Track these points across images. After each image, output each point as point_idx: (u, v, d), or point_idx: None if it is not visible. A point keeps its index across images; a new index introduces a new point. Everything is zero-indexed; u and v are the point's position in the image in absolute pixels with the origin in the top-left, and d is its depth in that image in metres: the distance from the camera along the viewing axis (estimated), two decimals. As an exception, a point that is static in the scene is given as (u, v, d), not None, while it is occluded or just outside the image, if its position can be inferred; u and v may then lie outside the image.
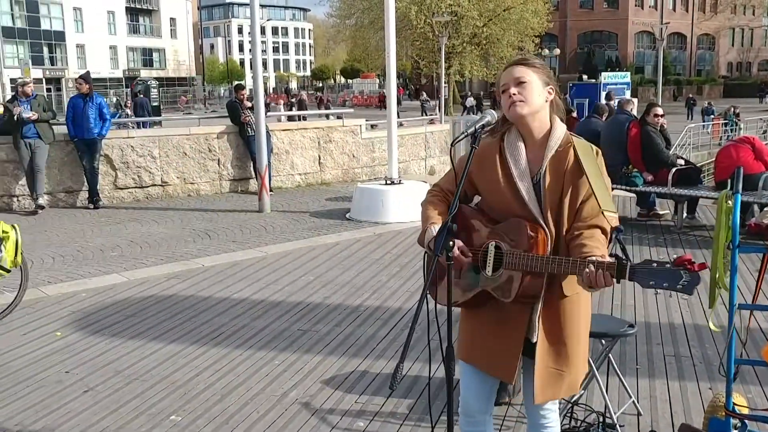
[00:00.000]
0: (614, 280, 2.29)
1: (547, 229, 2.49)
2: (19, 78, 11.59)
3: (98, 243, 8.30)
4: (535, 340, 2.56)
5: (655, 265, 2.22)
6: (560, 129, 2.57)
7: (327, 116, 18.20)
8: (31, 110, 10.12)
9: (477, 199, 2.76)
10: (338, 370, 4.56)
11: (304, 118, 20.15)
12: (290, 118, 20.76)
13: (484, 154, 2.60)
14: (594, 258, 2.33)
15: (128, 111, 30.02)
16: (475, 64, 46.63)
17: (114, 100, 49.96)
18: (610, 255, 2.35)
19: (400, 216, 9.26)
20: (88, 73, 11.48)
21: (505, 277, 2.50)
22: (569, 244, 2.51)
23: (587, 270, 2.31)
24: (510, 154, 2.57)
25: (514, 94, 2.50)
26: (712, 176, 9.22)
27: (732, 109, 31.99)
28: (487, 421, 2.77)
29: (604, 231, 2.49)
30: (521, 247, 2.46)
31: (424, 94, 48.51)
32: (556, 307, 2.57)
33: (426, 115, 35.64)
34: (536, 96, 2.51)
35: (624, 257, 2.29)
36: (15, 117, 9.95)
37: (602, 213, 2.45)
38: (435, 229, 2.57)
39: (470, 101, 44.41)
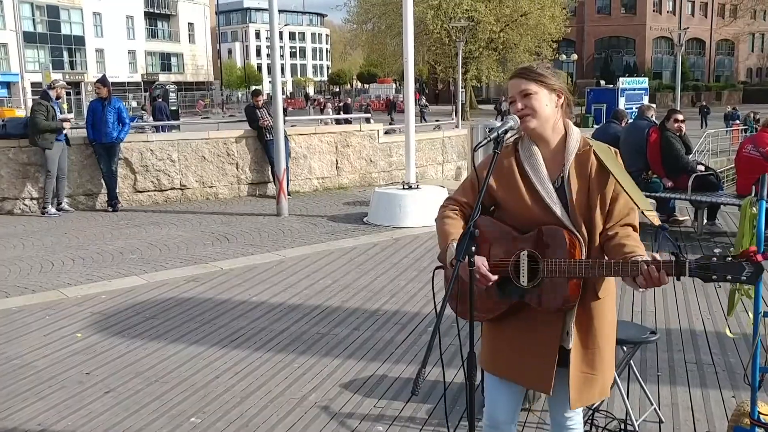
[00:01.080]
0: (672, 277, 2.29)
1: (579, 234, 2.46)
2: (55, 79, 11.69)
3: (118, 245, 8.35)
4: (569, 347, 2.52)
5: (714, 259, 2.21)
6: (576, 132, 2.56)
7: (368, 120, 18.25)
8: (61, 113, 10.27)
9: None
10: (357, 374, 4.55)
11: (349, 122, 20.16)
12: (337, 122, 20.73)
13: (500, 163, 2.56)
14: (645, 257, 2.31)
15: (145, 115, 30.26)
16: (492, 69, 46.59)
17: (134, 104, 50.40)
18: (672, 253, 2.31)
19: (418, 220, 9.26)
20: (104, 76, 11.56)
21: (547, 286, 2.45)
22: (605, 246, 2.50)
23: (644, 269, 2.28)
24: (527, 162, 2.54)
25: (521, 108, 2.49)
26: (732, 182, 9.14)
27: (752, 114, 31.71)
28: (512, 430, 2.75)
29: (635, 229, 2.51)
30: (556, 253, 2.42)
31: (423, 98, 47.94)
32: (588, 311, 2.54)
33: (424, 121, 34.44)
34: (544, 105, 2.49)
35: (681, 254, 2.27)
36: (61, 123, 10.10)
37: (643, 212, 2.47)
38: (453, 247, 2.48)
39: (505, 105, 44.31)
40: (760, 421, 3.16)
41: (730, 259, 2.19)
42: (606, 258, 2.48)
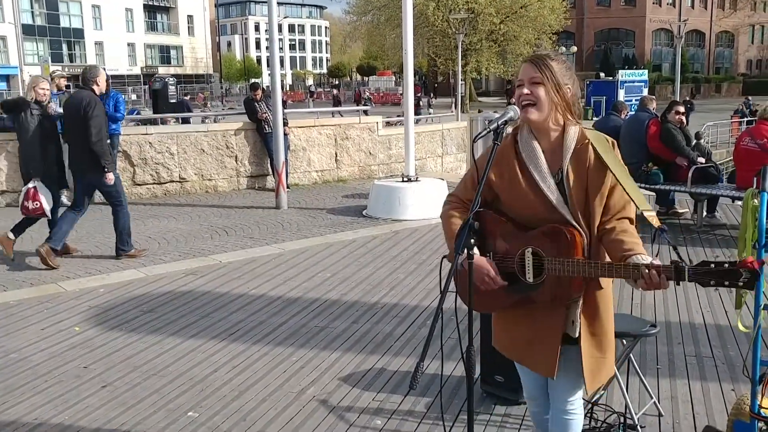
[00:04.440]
0: (671, 282, 2.30)
1: (581, 230, 2.47)
2: (53, 71, 11.57)
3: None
4: (575, 335, 2.57)
5: (713, 266, 2.22)
6: (574, 127, 2.53)
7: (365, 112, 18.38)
8: (60, 106, 10.19)
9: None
10: (356, 368, 4.54)
11: (366, 113, 20.28)
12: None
13: (499, 157, 2.53)
14: (641, 260, 2.33)
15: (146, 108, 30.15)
16: (492, 61, 46.45)
17: (134, 97, 50.25)
18: (672, 262, 2.31)
19: (417, 213, 9.24)
20: (103, 71, 11.49)
21: (552, 282, 2.46)
22: (603, 239, 2.50)
23: (645, 273, 2.30)
24: (527, 157, 2.53)
25: (526, 94, 2.47)
26: (731, 174, 9.11)
27: (743, 105, 31.74)
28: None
29: (632, 221, 2.51)
30: (560, 251, 2.43)
31: (424, 96, 47.55)
32: (593, 300, 2.59)
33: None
34: (549, 97, 2.47)
35: (680, 260, 2.29)
36: (51, 113, 9.99)
37: (642, 213, 2.46)
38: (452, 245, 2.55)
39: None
40: (760, 415, 3.14)
41: (727, 266, 2.20)
42: (605, 251, 2.51)
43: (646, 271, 2.29)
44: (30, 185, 7.21)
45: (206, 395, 4.18)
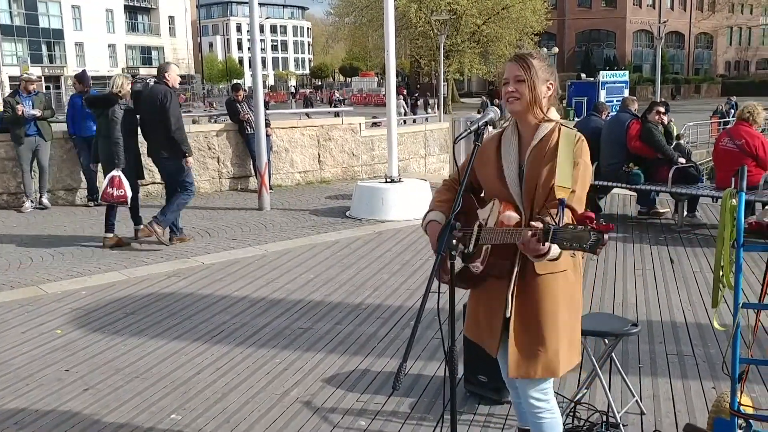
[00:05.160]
0: (542, 244, 2.32)
1: (522, 210, 2.61)
2: (24, 74, 11.50)
3: (98, 241, 8.25)
4: (507, 315, 2.69)
5: (574, 227, 2.25)
6: (549, 122, 2.69)
7: (337, 114, 18.38)
8: (33, 107, 10.10)
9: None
10: (339, 369, 4.54)
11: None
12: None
13: (486, 146, 2.77)
14: (536, 223, 2.38)
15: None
16: (474, 62, 46.65)
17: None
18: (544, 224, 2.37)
19: (400, 214, 9.25)
20: (83, 72, 11.47)
21: (478, 251, 2.66)
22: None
23: (523, 236, 2.38)
24: (504, 144, 2.74)
25: (511, 92, 2.65)
26: (711, 173, 9.23)
27: (721, 106, 32.12)
28: None
29: (572, 210, 2.53)
30: (494, 223, 2.63)
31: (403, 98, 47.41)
32: (531, 284, 2.67)
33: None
34: (531, 95, 2.64)
35: (555, 223, 2.31)
36: (20, 114, 9.92)
37: (554, 186, 2.52)
38: (431, 215, 2.82)
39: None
40: (740, 412, 3.18)
41: (581, 227, 2.22)
42: None
43: (525, 233, 2.36)
44: (114, 173, 7.68)
45: (189, 397, 4.16)
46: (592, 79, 40.02)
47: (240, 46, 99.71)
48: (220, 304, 5.91)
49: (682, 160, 8.99)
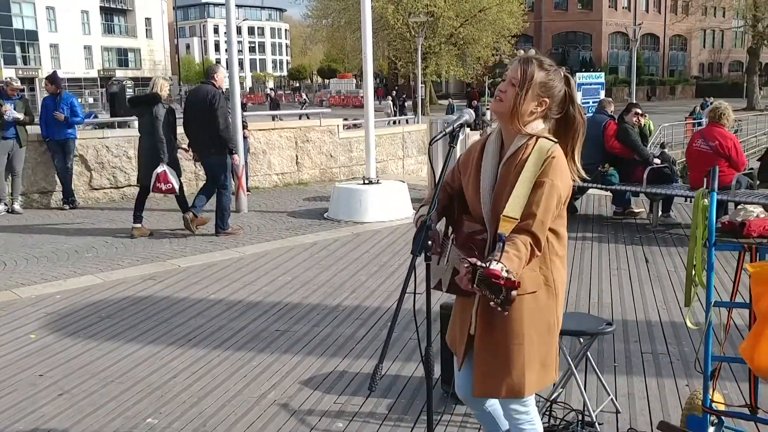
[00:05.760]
0: (471, 285, 2.22)
1: (488, 226, 2.56)
2: (6, 77, 11.41)
3: (73, 244, 8.19)
4: (472, 333, 2.67)
5: (500, 279, 2.16)
6: (532, 129, 2.55)
7: (307, 116, 18.34)
8: (15, 110, 10.00)
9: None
10: (317, 371, 4.53)
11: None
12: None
13: (471, 149, 2.73)
14: (471, 260, 2.27)
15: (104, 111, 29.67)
16: (451, 64, 46.76)
17: (90, 100, 49.35)
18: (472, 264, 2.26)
19: (378, 215, 9.26)
20: (54, 73, 11.39)
21: (447, 268, 2.64)
22: None
23: (461, 268, 2.29)
24: (486, 153, 2.64)
25: (501, 90, 2.56)
26: (685, 172, 9.34)
27: (698, 107, 32.52)
28: (481, 404, 2.88)
29: (532, 235, 2.43)
30: (465, 241, 2.61)
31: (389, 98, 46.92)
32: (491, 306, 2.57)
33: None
34: (516, 102, 2.50)
35: (484, 265, 2.21)
36: (3, 113, 9.80)
37: (503, 216, 2.42)
38: (423, 209, 2.67)
39: None
40: (712, 409, 3.22)
41: (494, 281, 2.15)
42: None
43: (463, 268, 2.26)
44: (159, 170, 8.19)
45: (165, 401, 4.13)
46: (568, 80, 40.28)
47: (217, 48, 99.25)
48: (197, 308, 5.87)
49: (657, 160, 9.10)
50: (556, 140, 2.56)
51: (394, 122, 22.87)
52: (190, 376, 4.50)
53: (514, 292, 2.14)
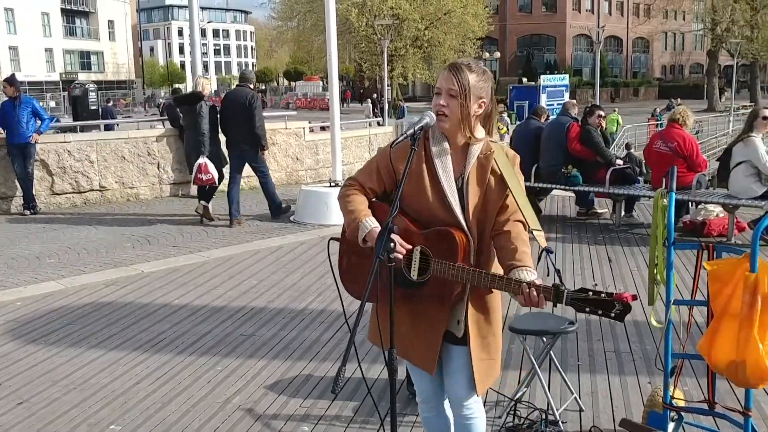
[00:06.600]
0: (551, 302, 2.35)
1: (469, 235, 2.55)
2: None
3: (34, 250, 8.05)
4: (460, 335, 2.65)
5: (590, 293, 2.28)
6: (482, 137, 2.59)
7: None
8: None
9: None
10: (282, 375, 4.51)
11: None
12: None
13: (401, 158, 2.58)
14: (524, 275, 2.41)
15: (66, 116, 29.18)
16: (417, 66, 46.85)
17: (52, 104, 48.49)
18: (553, 285, 2.37)
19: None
20: (13, 75, 11.21)
21: (435, 282, 2.53)
22: (495, 240, 2.59)
23: (525, 291, 2.36)
24: (437, 159, 2.58)
25: (441, 105, 2.52)
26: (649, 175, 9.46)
27: (659, 109, 33.08)
28: (441, 402, 2.88)
29: (524, 225, 2.57)
30: (447, 253, 2.50)
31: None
32: (483, 303, 2.68)
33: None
34: (462, 111, 2.52)
35: (561, 283, 2.35)
36: None
37: (531, 232, 2.53)
38: (369, 222, 2.58)
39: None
40: (672, 405, 3.27)
41: (604, 295, 2.26)
42: (496, 255, 2.61)
43: (527, 289, 2.35)
44: (200, 161, 9.02)
45: (128, 408, 4.08)
46: (533, 83, 40.70)
47: (182, 51, 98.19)
48: (161, 313, 5.81)
49: (619, 161, 9.22)
50: (494, 140, 2.65)
51: (377, 123, 23.11)
52: (154, 381, 4.45)
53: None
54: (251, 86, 9.49)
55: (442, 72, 2.59)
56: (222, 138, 9.43)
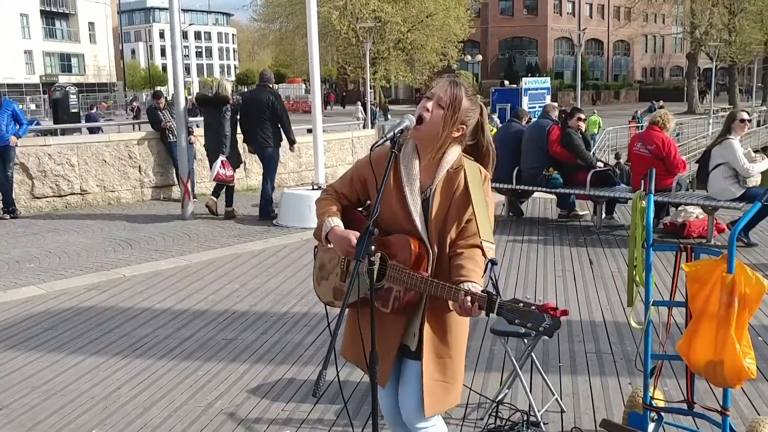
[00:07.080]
0: (483, 312, 2.33)
1: (429, 247, 2.55)
2: None
3: (14, 254, 7.98)
4: (414, 348, 2.63)
5: (521, 305, 2.27)
6: (453, 153, 2.59)
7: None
8: None
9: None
10: (264, 379, 4.50)
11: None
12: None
13: (380, 161, 2.61)
14: (468, 287, 2.38)
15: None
16: (400, 69, 46.91)
17: (32, 107, 48.02)
18: (484, 291, 2.37)
19: (327, 221, 9.22)
20: None
21: (386, 289, 2.55)
22: (451, 260, 2.57)
23: (460, 298, 2.35)
24: (405, 169, 2.59)
25: (427, 109, 2.52)
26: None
27: (639, 111, 33.36)
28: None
29: (482, 250, 2.53)
30: (404, 262, 2.51)
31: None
32: (442, 320, 2.63)
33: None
34: (442, 125, 2.52)
35: (495, 293, 2.34)
36: None
37: (482, 242, 2.50)
38: (332, 221, 2.62)
39: None
40: (652, 406, 3.30)
41: (534, 307, 2.24)
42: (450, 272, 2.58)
43: (462, 296, 2.35)
44: (222, 158, 9.58)
45: (109, 413, 4.06)
46: (515, 86, 40.89)
47: (163, 53, 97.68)
48: (142, 317, 5.78)
49: (600, 164, 9.29)
50: (472, 158, 2.63)
51: (365, 126, 23.16)
52: (135, 386, 4.42)
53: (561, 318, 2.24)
54: (270, 86, 10.03)
55: (441, 80, 2.60)
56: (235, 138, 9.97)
